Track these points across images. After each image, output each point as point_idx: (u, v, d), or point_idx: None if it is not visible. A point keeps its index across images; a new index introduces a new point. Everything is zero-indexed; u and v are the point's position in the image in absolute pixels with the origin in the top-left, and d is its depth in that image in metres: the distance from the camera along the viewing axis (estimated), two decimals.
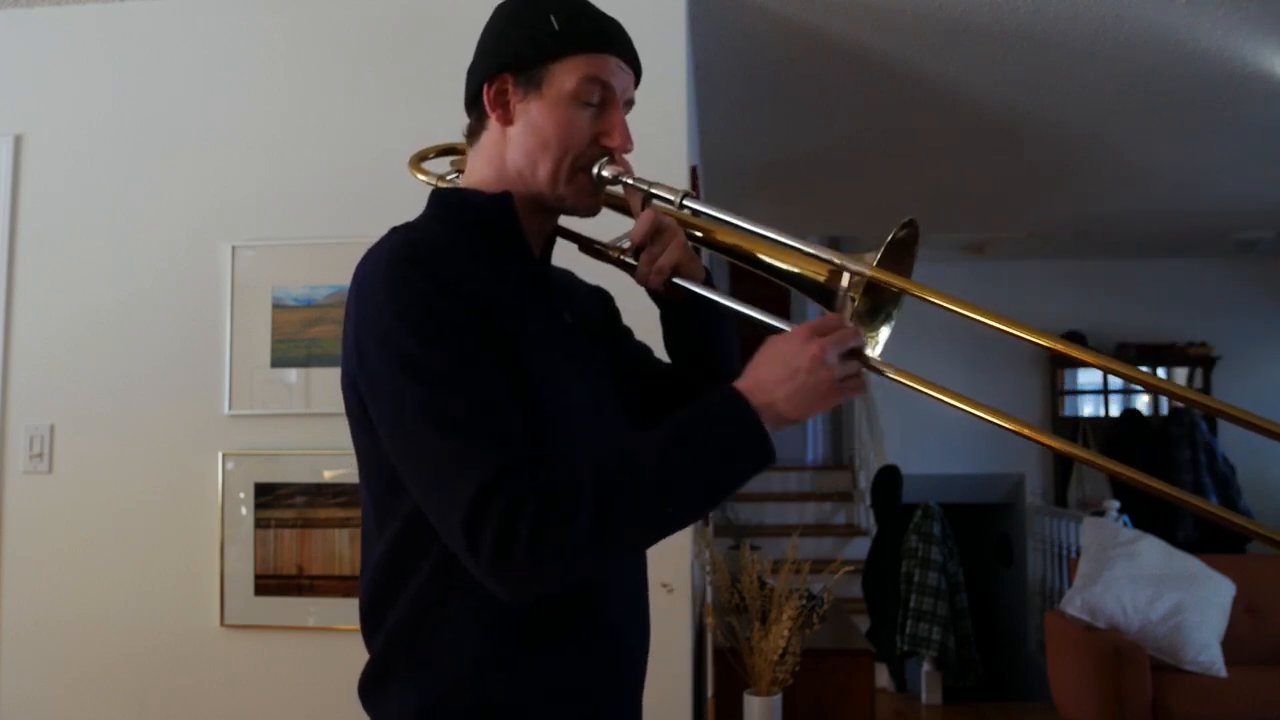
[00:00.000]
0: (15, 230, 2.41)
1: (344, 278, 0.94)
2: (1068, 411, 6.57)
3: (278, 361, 2.30)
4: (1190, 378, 6.54)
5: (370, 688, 0.96)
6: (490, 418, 0.84)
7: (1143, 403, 6.65)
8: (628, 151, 1.00)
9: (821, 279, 0.94)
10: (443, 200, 1.02)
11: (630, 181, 1.00)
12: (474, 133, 1.04)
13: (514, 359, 0.89)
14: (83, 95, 2.45)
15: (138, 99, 2.43)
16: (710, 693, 2.51)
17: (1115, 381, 6.62)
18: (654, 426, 0.89)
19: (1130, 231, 5.64)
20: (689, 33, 2.42)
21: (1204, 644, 3.59)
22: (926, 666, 5.24)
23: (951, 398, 0.86)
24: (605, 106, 0.98)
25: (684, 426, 0.85)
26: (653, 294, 1.07)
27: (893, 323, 0.97)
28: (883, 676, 5.35)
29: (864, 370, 0.88)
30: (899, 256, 0.92)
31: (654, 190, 1.01)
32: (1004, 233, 5.67)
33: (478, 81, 1.00)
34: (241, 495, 2.29)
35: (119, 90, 2.44)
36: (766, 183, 4.65)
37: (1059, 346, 0.86)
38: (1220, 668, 3.58)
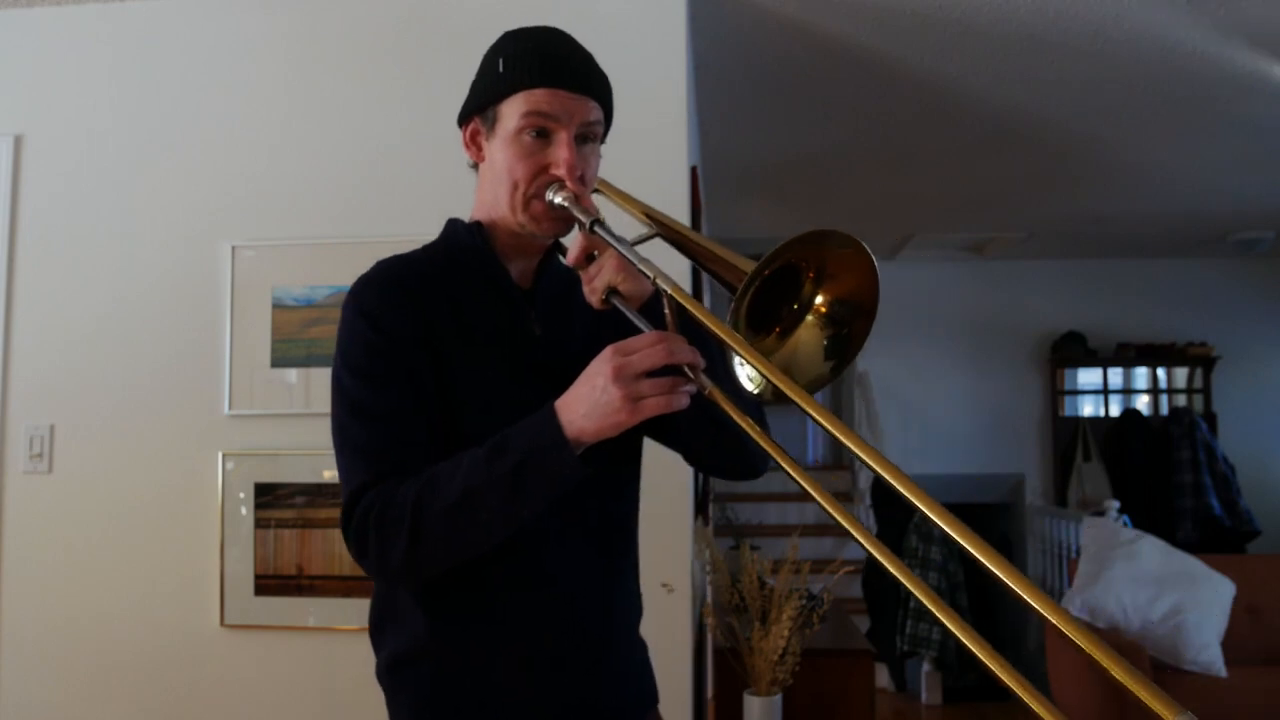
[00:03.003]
0: (15, 230, 2.41)
1: (344, 278, 0.97)
2: (1068, 411, 6.56)
3: (278, 361, 2.30)
4: (1190, 378, 6.54)
5: (371, 628, 1.12)
6: (381, 439, 0.99)
7: (1143, 403, 6.65)
8: (575, 177, 1.04)
9: (734, 282, 0.93)
10: (445, 226, 1.15)
11: (568, 206, 1.04)
12: (475, 169, 1.16)
13: (449, 374, 1.02)
14: (83, 95, 2.45)
15: (138, 99, 2.43)
16: (710, 693, 2.51)
17: (1115, 381, 6.62)
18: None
19: (1130, 231, 5.63)
20: (689, 33, 2.42)
21: (1204, 644, 3.59)
22: (926, 666, 5.24)
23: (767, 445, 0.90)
24: (551, 137, 1.05)
25: (500, 441, 0.93)
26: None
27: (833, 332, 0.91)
28: (883, 676, 5.35)
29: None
30: (843, 259, 0.89)
31: (580, 216, 1.03)
32: (1004, 233, 5.66)
33: (459, 127, 1.13)
34: (241, 495, 2.29)
35: (119, 90, 2.44)
36: (766, 183, 4.65)
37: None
38: (1220, 668, 3.57)
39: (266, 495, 2.28)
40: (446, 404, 1.01)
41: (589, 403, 0.89)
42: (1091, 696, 3.60)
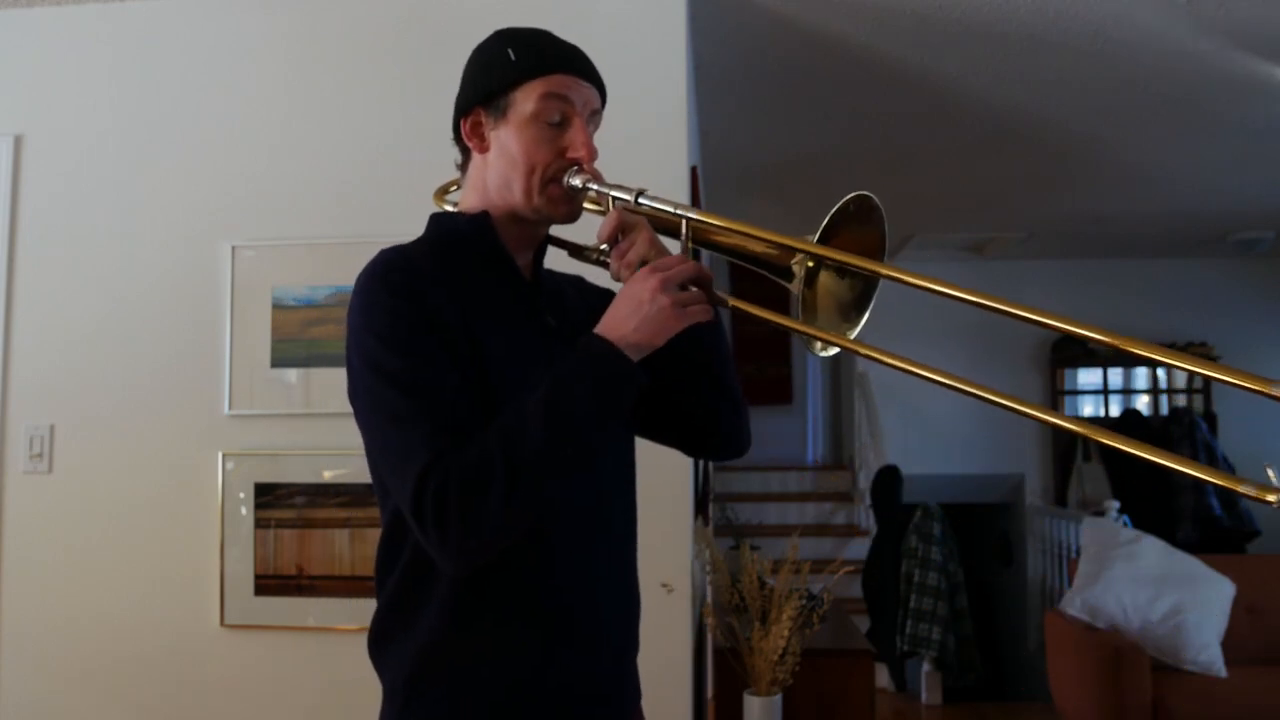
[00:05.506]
0: (15, 230, 2.41)
1: (344, 278, 0.97)
2: (1068, 411, 6.57)
3: (278, 361, 2.30)
4: (1190, 378, 6.54)
5: (375, 645, 1.08)
6: (437, 411, 0.95)
7: (1143, 403, 6.65)
8: (593, 160, 1.07)
9: (774, 255, 1.03)
10: (433, 223, 1.14)
11: (594, 187, 1.07)
12: (462, 165, 1.15)
13: (481, 359, 1.00)
14: (83, 95, 2.45)
15: (138, 99, 2.43)
16: (710, 693, 2.51)
17: (1115, 381, 6.62)
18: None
19: (1130, 231, 5.64)
20: (689, 33, 2.42)
21: (1204, 644, 3.59)
22: (926, 666, 5.24)
23: (845, 342, 0.98)
24: (567, 121, 1.07)
25: (560, 374, 0.95)
26: None
27: (870, 305, 1.05)
28: (883, 676, 5.35)
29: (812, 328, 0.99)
30: (858, 232, 1.02)
31: (614, 193, 1.06)
32: (1004, 233, 5.66)
33: (456, 119, 1.12)
34: (241, 495, 2.29)
35: (119, 90, 2.44)
36: (766, 183, 4.65)
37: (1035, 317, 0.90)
38: (1220, 668, 3.58)
39: (266, 495, 2.29)
40: (482, 385, 1.00)
41: (638, 316, 0.96)
42: (1091, 696, 3.60)
